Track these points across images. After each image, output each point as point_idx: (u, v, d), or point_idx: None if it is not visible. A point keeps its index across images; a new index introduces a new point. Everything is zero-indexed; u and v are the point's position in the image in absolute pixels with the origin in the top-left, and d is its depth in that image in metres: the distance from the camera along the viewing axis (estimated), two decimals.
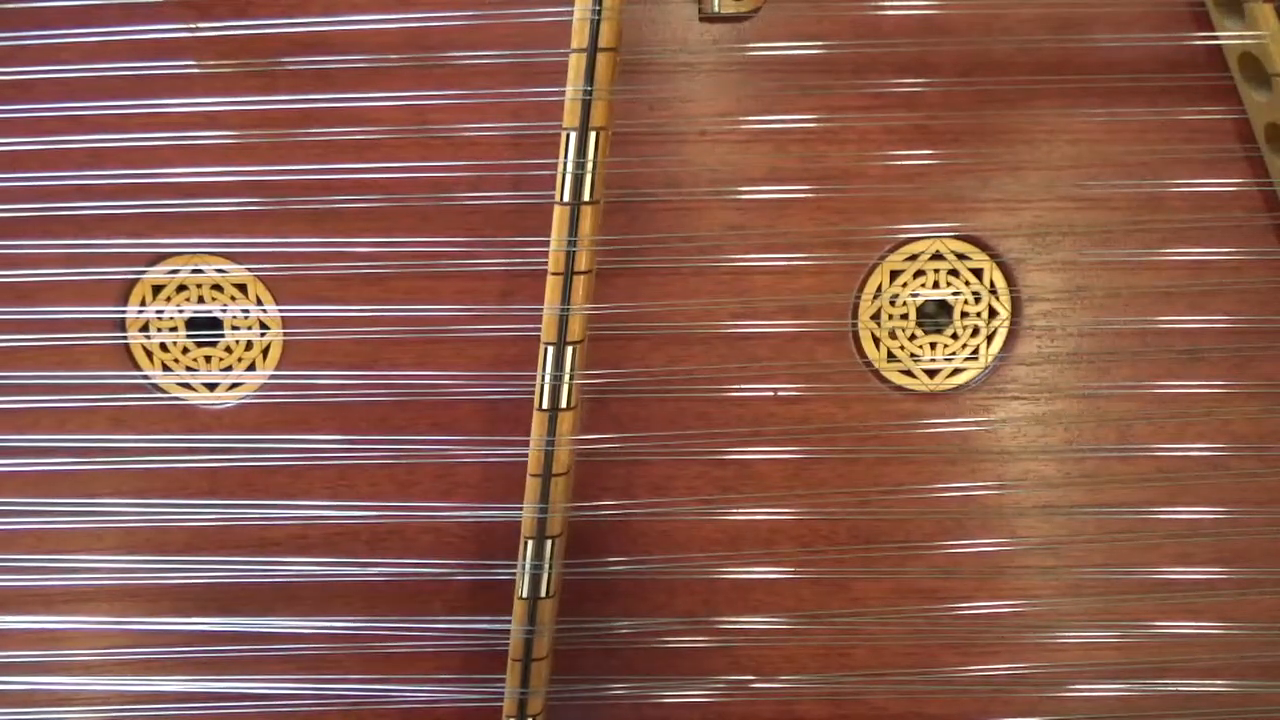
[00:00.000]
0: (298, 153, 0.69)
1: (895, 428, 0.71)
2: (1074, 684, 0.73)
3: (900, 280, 0.71)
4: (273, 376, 0.72)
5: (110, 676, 0.74)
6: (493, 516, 0.71)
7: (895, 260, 0.71)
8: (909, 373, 0.72)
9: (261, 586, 0.72)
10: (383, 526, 0.72)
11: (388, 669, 0.73)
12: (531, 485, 0.67)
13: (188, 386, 0.72)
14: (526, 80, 0.68)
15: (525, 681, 0.69)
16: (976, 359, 0.71)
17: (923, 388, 0.72)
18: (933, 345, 0.72)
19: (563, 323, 0.65)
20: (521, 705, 0.69)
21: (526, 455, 0.67)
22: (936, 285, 0.71)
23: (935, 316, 0.73)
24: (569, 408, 0.66)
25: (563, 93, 0.63)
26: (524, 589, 0.67)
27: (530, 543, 0.67)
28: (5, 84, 0.69)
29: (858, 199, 0.69)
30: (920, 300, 0.71)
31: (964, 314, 0.71)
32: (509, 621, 0.68)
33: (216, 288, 0.71)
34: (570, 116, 0.63)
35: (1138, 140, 0.69)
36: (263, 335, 0.71)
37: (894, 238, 0.70)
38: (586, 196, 0.63)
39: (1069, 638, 0.73)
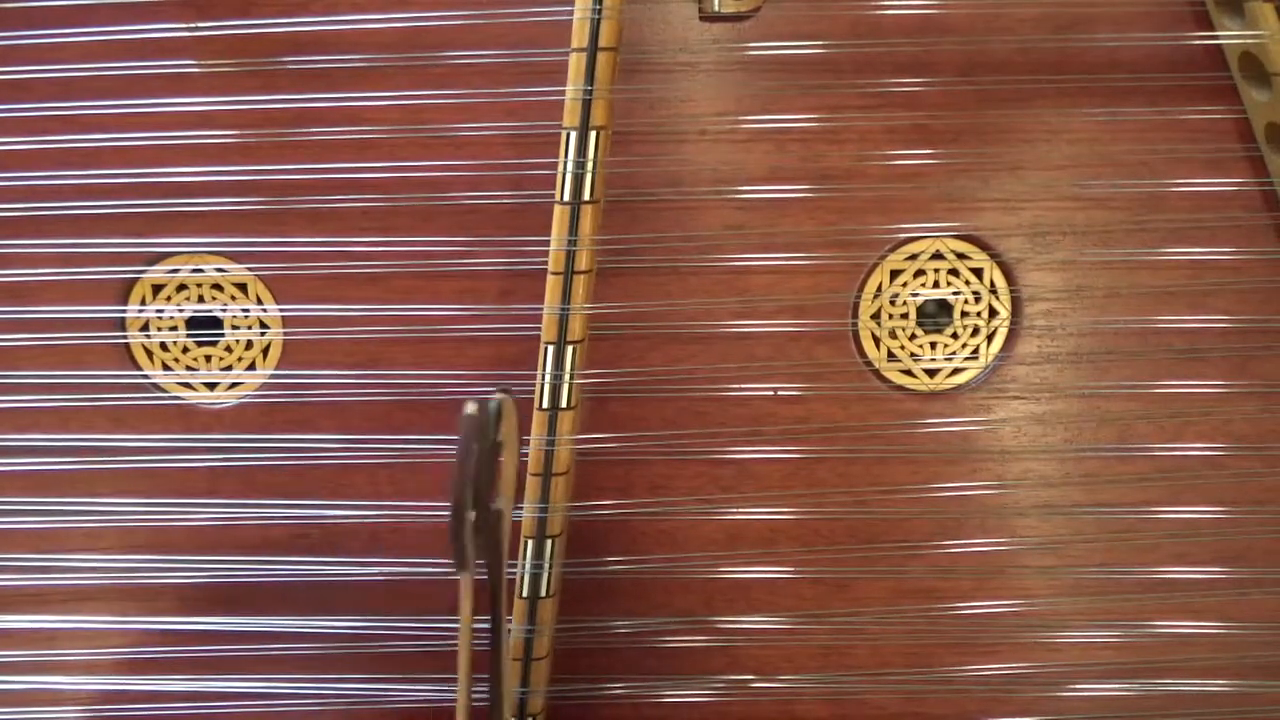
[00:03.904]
0: (298, 152, 0.69)
1: (895, 427, 0.71)
2: (1074, 684, 0.73)
3: (900, 280, 0.71)
4: (273, 376, 0.71)
5: (110, 676, 0.74)
6: None
7: (895, 260, 0.71)
8: (909, 372, 0.72)
9: (261, 586, 0.72)
10: (383, 526, 0.72)
11: (388, 669, 0.73)
12: (531, 485, 0.67)
13: (188, 386, 0.72)
14: (526, 80, 0.68)
15: (525, 681, 0.69)
16: (976, 359, 0.71)
17: (923, 387, 0.72)
18: (933, 345, 0.72)
19: (563, 322, 0.65)
20: (521, 705, 0.69)
21: (526, 455, 0.67)
22: (936, 285, 0.71)
23: (935, 316, 0.73)
24: (569, 407, 0.66)
25: (563, 92, 0.63)
26: (524, 589, 0.67)
27: (530, 542, 0.67)
28: (4, 84, 0.69)
29: (857, 199, 0.69)
30: (920, 300, 0.71)
31: (964, 313, 0.71)
32: (509, 621, 0.68)
33: (216, 287, 0.71)
34: (570, 116, 0.63)
35: (1138, 140, 0.69)
36: (263, 335, 0.71)
37: (894, 237, 0.70)
38: (587, 196, 0.63)
39: (1068, 637, 0.73)
